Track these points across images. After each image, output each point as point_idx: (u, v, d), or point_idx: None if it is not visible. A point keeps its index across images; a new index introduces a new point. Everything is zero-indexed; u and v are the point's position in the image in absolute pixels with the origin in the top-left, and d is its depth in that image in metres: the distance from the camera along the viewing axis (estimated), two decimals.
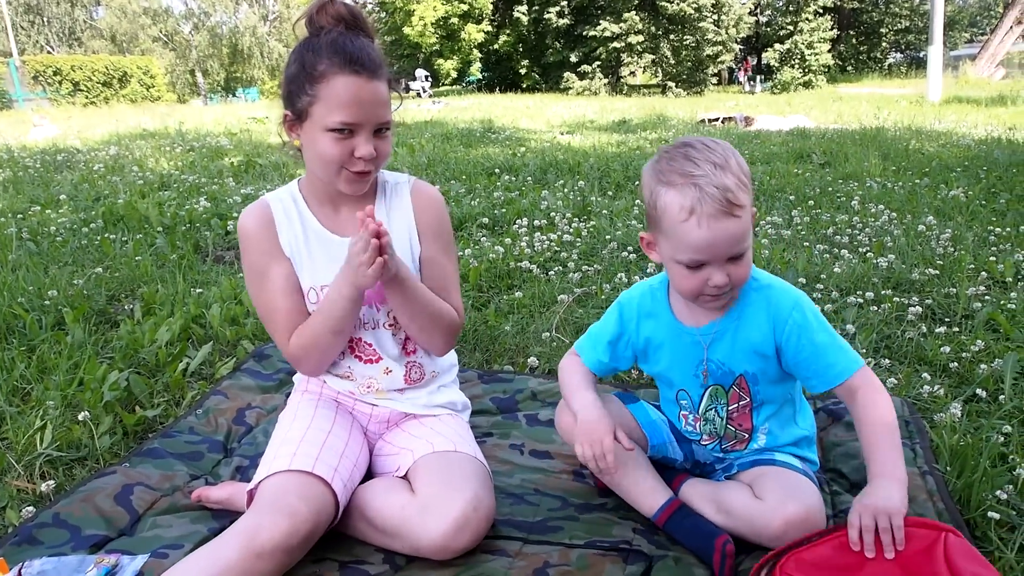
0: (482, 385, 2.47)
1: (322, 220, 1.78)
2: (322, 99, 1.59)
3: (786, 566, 1.37)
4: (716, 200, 1.40)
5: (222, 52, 37.95)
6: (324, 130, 1.60)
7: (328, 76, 1.58)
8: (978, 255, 3.60)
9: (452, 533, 1.54)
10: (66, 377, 2.47)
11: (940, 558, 1.29)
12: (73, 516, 1.76)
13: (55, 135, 10.85)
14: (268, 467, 1.60)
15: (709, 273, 1.47)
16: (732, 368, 1.63)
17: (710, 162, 1.43)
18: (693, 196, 1.41)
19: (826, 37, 25.88)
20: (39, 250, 4.14)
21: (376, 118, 1.62)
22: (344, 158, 1.62)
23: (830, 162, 6.69)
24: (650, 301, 1.71)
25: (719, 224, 1.42)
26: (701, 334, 1.64)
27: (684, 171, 1.43)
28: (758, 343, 1.59)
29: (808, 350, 1.55)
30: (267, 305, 1.76)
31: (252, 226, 1.76)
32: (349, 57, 1.58)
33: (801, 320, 1.56)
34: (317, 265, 1.76)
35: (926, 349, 2.60)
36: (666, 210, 1.45)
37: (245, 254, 1.79)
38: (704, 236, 1.42)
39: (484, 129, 10.78)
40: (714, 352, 1.63)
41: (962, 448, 1.90)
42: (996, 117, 10.19)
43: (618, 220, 4.62)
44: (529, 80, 28.04)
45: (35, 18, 38.59)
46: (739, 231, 1.44)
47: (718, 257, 1.46)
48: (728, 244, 1.44)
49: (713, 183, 1.41)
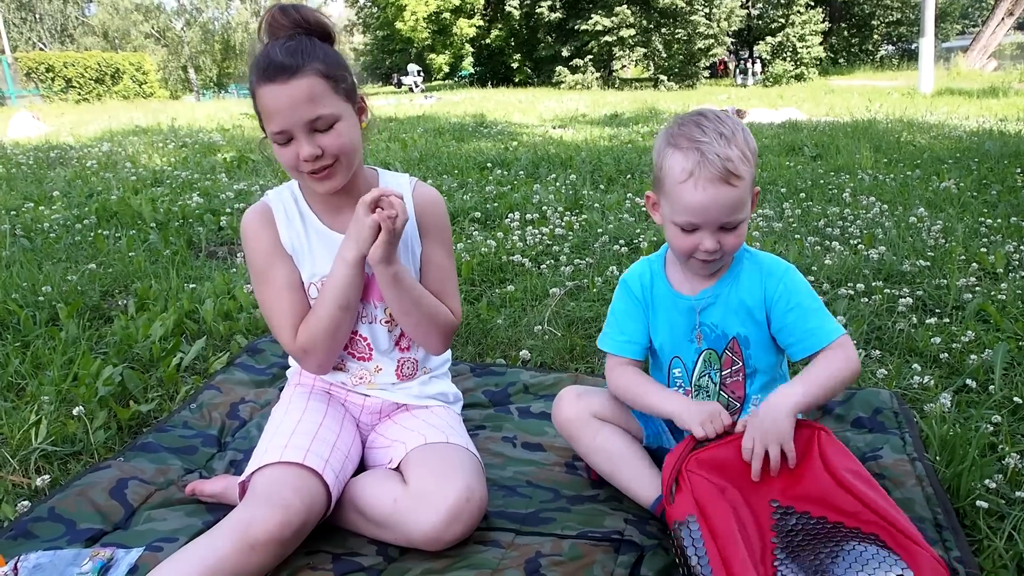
0: (474, 378, 2.48)
1: (322, 217, 1.79)
2: (261, 114, 1.62)
3: (688, 464, 1.45)
4: (715, 166, 1.47)
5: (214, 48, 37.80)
6: (272, 141, 1.63)
7: (256, 91, 1.60)
8: (969, 246, 3.62)
9: (445, 524, 1.55)
10: (60, 372, 2.48)
11: (816, 455, 1.42)
12: (68, 510, 1.77)
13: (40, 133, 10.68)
14: (259, 459, 1.60)
15: (701, 238, 1.54)
16: (725, 331, 1.67)
17: (717, 132, 1.50)
18: (695, 160, 1.49)
19: (817, 30, 25.85)
20: (33, 246, 4.14)
21: (302, 117, 1.58)
22: (293, 162, 1.63)
23: (822, 154, 6.71)
24: (648, 273, 1.76)
25: (715, 189, 1.48)
26: (695, 300, 1.68)
27: (691, 136, 1.51)
28: (750, 305, 1.64)
29: (795, 313, 1.60)
30: (270, 303, 1.77)
31: (253, 226, 1.77)
32: (264, 66, 1.57)
33: (791, 283, 1.62)
34: (318, 260, 1.76)
35: (917, 340, 2.62)
36: (669, 171, 1.54)
37: (248, 254, 1.79)
38: (700, 199, 1.49)
39: (476, 124, 10.77)
40: (708, 316, 1.67)
41: (951, 438, 1.92)
42: (988, 109, 10.23)
43: (610, 214, 4.63)
44: (521, 74, 27.95)
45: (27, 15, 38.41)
46: (734, 200, 1.50)
47: (711, 222, 1.52)
48: (721, 211, 1.50)
49: (715, 150, 1.48)
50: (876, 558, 1.28)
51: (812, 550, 1.32)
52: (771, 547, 1.36)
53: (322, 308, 1.72)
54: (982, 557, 1.55)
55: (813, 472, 1.39)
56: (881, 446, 1.90)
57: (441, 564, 1.56)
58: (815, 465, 1.40)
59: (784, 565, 1.33)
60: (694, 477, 1.44)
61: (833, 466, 1.38)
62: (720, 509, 1.39)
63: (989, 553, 1.56)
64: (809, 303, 1.61)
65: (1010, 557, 1.53)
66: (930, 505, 1.67)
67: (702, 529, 1.37)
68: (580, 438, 1.79)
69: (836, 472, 1.37)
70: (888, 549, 1.29)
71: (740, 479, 1.44)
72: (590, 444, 1.78)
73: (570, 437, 1.82)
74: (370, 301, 1.79)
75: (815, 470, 1.39)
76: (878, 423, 2.06)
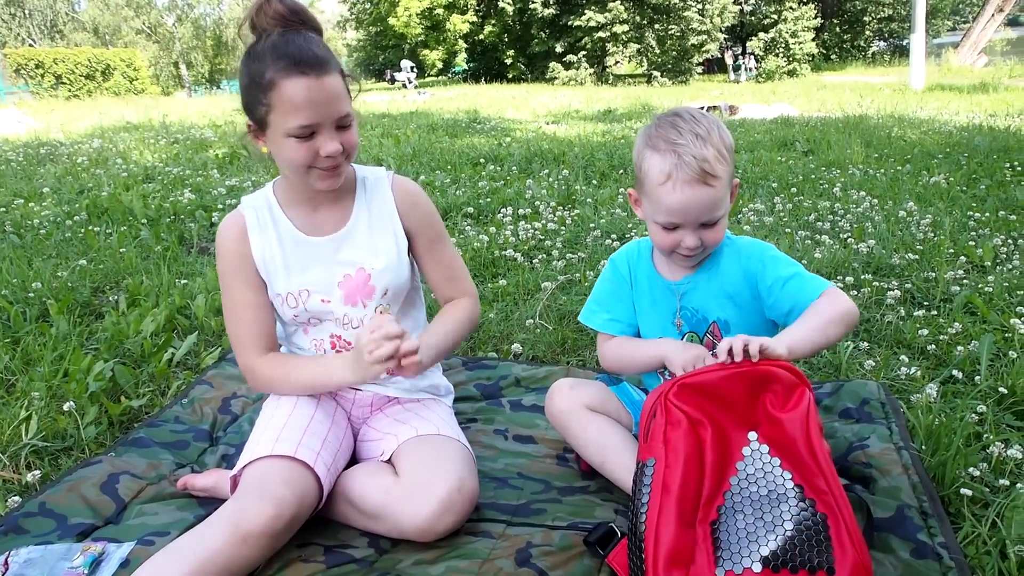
0: (466, 371, 2.48)
1: (297, 223, 1.76)
2: (276, 106, 1.56)
3: (671, 392, 1.43)
4: (692, 168, 1.50)
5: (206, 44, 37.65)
6: (285, 136, 1.58)
7: (277, 82, 1.54)
8: (957, 240, 3.64)
9: (436, 515, 1.56)
10: (51, 368, 2.48)
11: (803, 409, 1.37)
12: (59, 505, 1.77)
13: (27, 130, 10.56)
14: (251, 453, 1.61)
15: (682, 235, 1.58)
16: (706, 315, 1.70)
17: (693, 132, 1.52)
18: (672, 162, 1.52)
19: (810, 26, 25.86)
20: (23, 243, 4.13)
21: (334, 114, 1.59)
22: (310, 159, 1.61)
23: (813, 150, 6.73)
24: (636, 256, 1.80)
25: (693, 191, 1.51)
26: (677, 285, 1.71)
27: (668, 138, 1.53)
28: (731, 291, 1.67)
29: (778, 285, 1.61)
30: (231, 317, 1.78)
31: (224, 239, 1.76)
32: (293, 58, 1.54)
33: (767, 258, 1.64)
34: (292, 270, 1.75)
35: (905, 332, 2.63)
36: (648, 173, 1.56)
37: (217, 264, 1.80)
38: (678, 200, 1.52)
39: (469, 119, 10.77)
40: (688, 300, 1.70)
41: (937, 427, 1.94)
42: (978, 104, 10.26)
43: (602, 208, 4.65)
44: (515, 70, 27.92)
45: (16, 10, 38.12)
46: (711, 199, 1.53)
47: (690, 221, 1.55)
48: (700, 210, 1.54)
49: (692, 152, 1.50)
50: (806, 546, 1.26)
51: (758, 509, 1.31)
52: (725, 488, 1.35)
53: (294, 379, 1.75)
54: (966, 543, 1.56)
55: (796, 428, 1.36)
56: (868, 435, 1.91)
57: (432, 555, 1.57)
58: (799, 422, 1.37)
59: (726, 516, 1.32)
60: (672, 410, 1.41)
61: (812, 432, 1.36)
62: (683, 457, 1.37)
63: (973, 539, 1.57)
64: (788, 271, 1.62)
65: (993, 544, 1.55)
66: (916, 493, 1.68)
67: (655, 476, 1.37)
68: (572, 429, 1.80)
69: (812, 437, 1.35)
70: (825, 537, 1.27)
71: (721, 408, 1.41)
72: (582, 435, 1.79)
73: (562, 428, 1.84)
74: (357, 303, 1.78)
75: (798, 427, 1.36)
76: (865, 413, 2.07)
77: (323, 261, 1.75)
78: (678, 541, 1.32)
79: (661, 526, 1.33)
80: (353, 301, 1.76)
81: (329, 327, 1.79)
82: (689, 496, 1.35)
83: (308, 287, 1.74)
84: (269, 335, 1.79)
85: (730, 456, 1.38)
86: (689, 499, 1.35)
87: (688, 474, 1.36)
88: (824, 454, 1.36)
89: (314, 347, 1.82)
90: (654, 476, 1.38)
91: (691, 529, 1.34)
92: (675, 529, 1.32)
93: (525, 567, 1.52)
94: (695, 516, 1.34)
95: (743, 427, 1.40)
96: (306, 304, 1.75)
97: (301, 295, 1.74)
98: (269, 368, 1.76)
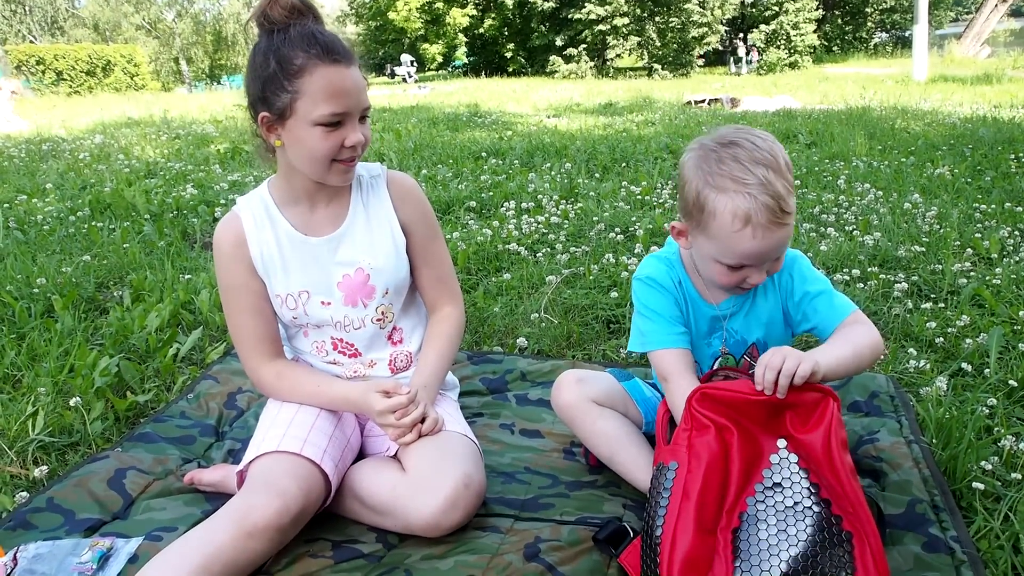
0: (472, 366, 2.48)
1: (295, 222, 1.74)
2: (306, 94, 1.55)
3: (693, 400, 1.40)
4: (771, 210, 1.37)
5: (206, 40, 37.60)
6: (312, 124, 1.56)
7: (309, 69, 1.54)
8: (963, 232, 3.63)
9: (443, 510, 1.55)
10: (57, 364, 2.47)
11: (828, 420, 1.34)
12: (67, 500, 1.77)
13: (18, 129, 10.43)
14: (257, 448, 1.61)
15: (749, 272, 1.48)
16: (746, 337, 1.67)
17: (762, 164, 1.39)
18: (747, 206, 1.38)
19: (811, 17, 25.80)
20: (27, 239, 4.12)
21: (362, 104, 1.61)
22: (335, 150, 1.60)
23: (816, 142, 6.71)
24: (677, 276, 1.67)
25: (773, 235, 1.40)
26: (719, 309, 1.66)
27: (735, 176, 1.39)
28: (768, 310, 1.64)
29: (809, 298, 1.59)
30: (234, 323, 1.76)
31: (221, 244, 1.72)
32: (326, 47, 1.55)
33: (797, 272, 1.61)
34: (291, 271, 1.73)
35: (912, 325, 2.62)
36: (716, 216, 1.42)
37: (216, 268, 1.77)
38: (757, 246, 1.41)
39: (470, 113, 10.74)
40: (731, 324, 1.66)
41: (947, 421, 1.93)
42: (981, 95, 10.23)
43: (605, 202, 4.63)
44: (515, 64, 27.87)
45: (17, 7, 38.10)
46: (788, 237, 1.43)
47: (765, 261, 1.47)
48: (777, 250, 1.45)
49: (767, 192, 1.37)
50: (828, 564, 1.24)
51: (782, 520, 1.29)
52: (749, 494, 1.33)
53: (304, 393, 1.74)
54: (978, 537, 1.56)
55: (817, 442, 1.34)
56: (878, 429, 1.91)
57: (440, 550, 1.56)
58: (821, 436, 1.34)
59: (748, 525, 1.30)
60: (699, 417, 1.38)
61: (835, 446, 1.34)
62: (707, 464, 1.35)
63: (985, 533, 1.57)
64: (816, 287, 1.59)
65: (1006, 537, 1.54)
66: (927, 487, 1.68)
67: (676, 481, 1.35)
68: (580, 422, 1.79)
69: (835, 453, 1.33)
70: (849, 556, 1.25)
71: (749, 416, 1.38)
72: (590, 428, 1.77)
73: (569, 421, 1.82)
74: (357, 303, 1.77)
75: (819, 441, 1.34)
76: (875, 407, 2.07)
77: (321, 262, 1.74)
78: (695, 548, 1.30)
79: (678, 532, 1.31)
80: (353, 301, 1.75)
81: (329, 330, 1.79)
82: (710, 502, 1.33)
83: (308, 288, 1.73)
84: (273, 340, 1.78)
85: (758, 462, 1.36)
86: (710, 505, 1.33)
87: (710, 479, 1.34)
88: (847, 471, 1.33)
89: (315, 349, 1.82)
90: (675, 480, 1.36)
91: (711, 536, 1.32)
92: (693, 535, 1.30)
93: (534, 562, 1.51)
94: (716, 523, 1.32)
95: (772, 435, 1.37)
96: (306, 307, 1.73)
97: (300, 296, 1.73)
98: (274, 379, 1.76)
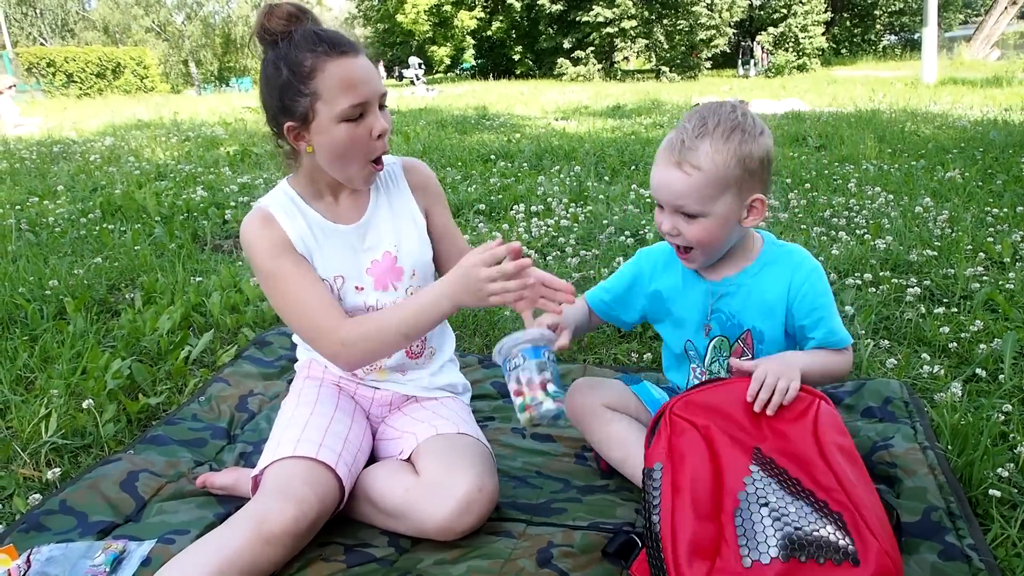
0: (483, 369, 2.48)
1: (323, 212, 1.74)
2: (323, 92, 1.55)
3: (676, 406, 1.46)
4: (672, 148, 1.52)
5: (215, 42, 37.67)
6: (336, 121, 1.56)
7: (320, 67, 1.54)
8: (976, 236, 3.61)
9: (456, 514, 1.55)
10: (69, 366, 2.48)
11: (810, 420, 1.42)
12: (80, 503, 1.77)
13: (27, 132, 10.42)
14: (272, 453, 1.60)
15: (662, 216, 1.59)
16: (741, 322, 1.66)
17: (703, 121, 1.51)
18: (667, 139, 1.55)
19: (820, 20, 25.76)
20: (38, 241, 4.14)
21: (378, 90, 1.61)
22: (364, 142, 1.60)
23: (826, 145, 6.69)
24: (671, 254, 1.70)
25: (664, 170, 1.53)
26: (714, 286, 1.67)
27: (683, 120, 1.56)
28: (771, 300, 1.63)
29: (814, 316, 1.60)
30: (295, 299, 1.66)
31: (255, 231, 1.67)
32: (332, 42, 1.56)
33: (816, 283, 1.62)
34: (328, 257, 1.72)
35: (925, 330, 2.61)
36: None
37: (255, 258, 1.67)
38: (654, 175, 1.57)
39: (479, 116, 10.75)
40: (725, 304, 1.66)
41: (963, 427, 1.92)
42: (992, 98, 10.18)
43: (615, 205, 4.62)
44: (523, 66, 27.91)
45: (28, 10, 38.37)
46: (683, 187, 1.51)
47: (664, 201, 1.56)
48: (667, 193, 1.54)
49: (683, 136, 1.51)
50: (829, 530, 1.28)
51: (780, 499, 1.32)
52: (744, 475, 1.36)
53: (387, 325, 1.61)
54: (995, 545, 1.55)
55: (802, 436, 1.40)
56: (892, 435, 1.89)
57: (453, 554, 1.56)
58: (806, 430, 1.41)
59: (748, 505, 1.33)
60: (677, 422, 1.44)
61: (822, 436, 1.39)
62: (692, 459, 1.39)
63: (1002, 541, 1.56)
64: (827, 309, 1.61)
65: (1023, 546, 1.53)
66: (943, 494, 1.66)
67: (664, 479, 1.38)
68: (592, 427, 1.79)
69: (822, 442, 1.38)
70: (844, 532, 1.28)
71: (728, 423, 1.43)
72: (602, 433, 1.77)
73: (582, 426, 1.82)
74: (388, 286, 1.78)
75: (804, 434, 1.40)
76: (888, 412, 2.05)
77: (352, 249, 1.76)
78: (698, 534, 1.31)
79: (677, 523, 1.33)
80: (384, 285, 1.77)
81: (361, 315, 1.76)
82: (703, 490, 1.35)
83: (342, 273, 1.74)
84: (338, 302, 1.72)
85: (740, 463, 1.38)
86: (702, 493, 1.35)
87: (699, 471, 1.37)
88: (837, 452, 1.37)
89: None
90: (662, 479, 1.39)
91: (712, 522, 1.33)
92: (692, 523, 1.32)
93: (547, 568, 1.51)
94: (714, 509, 1.34)
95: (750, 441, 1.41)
96: (341, 292, 1.74)
97: (336, 281, 1.74)
98: (357, 326, 1.63)
